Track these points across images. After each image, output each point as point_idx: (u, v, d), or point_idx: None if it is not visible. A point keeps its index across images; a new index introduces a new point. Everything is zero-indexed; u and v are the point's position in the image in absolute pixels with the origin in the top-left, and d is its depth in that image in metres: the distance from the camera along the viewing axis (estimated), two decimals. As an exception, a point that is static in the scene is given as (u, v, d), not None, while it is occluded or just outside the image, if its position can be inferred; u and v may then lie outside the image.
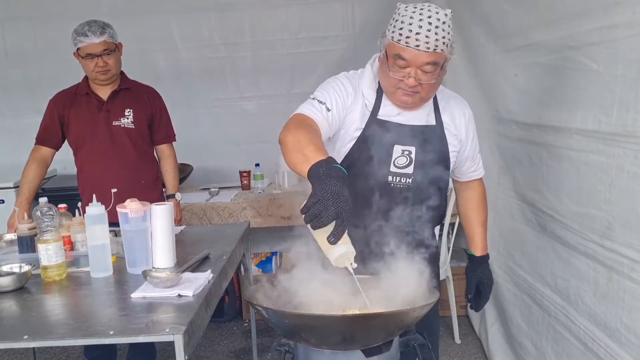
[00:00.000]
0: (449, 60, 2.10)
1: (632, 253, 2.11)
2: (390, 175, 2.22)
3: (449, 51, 2.05)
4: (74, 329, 1.95)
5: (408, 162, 2.21)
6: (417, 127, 2.23)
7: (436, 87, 2.18)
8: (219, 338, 4.58)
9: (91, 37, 3.29)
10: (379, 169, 2.21)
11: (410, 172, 2.22)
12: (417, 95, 2.12)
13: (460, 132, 2.32)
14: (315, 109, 2.15)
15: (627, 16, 2.03)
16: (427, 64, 2.03)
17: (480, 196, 2.53)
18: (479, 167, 2.49)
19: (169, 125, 3.70)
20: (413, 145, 2.21)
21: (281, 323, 1.76)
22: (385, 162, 2.21)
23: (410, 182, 2.23)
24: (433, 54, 2.01)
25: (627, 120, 2.07)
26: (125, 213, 2.46)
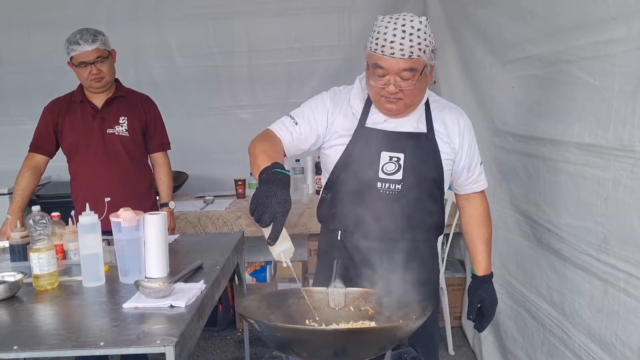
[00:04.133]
0: (430, 66, 2.15)
1: (627, 267, 2.11)
2: (379, 181, 2.24)
3: (428, 57, 2.11)
4: (65, 339, 1.94)
5: (397, 168, 2.23)
6: (406, 134, 2.26)
7: (419, 93, 2.21)
8: (212, 347, 4.56)
9: (83, 45, 3.28)
10: (368, 175, 2.24)
11: (399, 179, 2.24)
12: (400, 102, 2.17)
13: (454, 141, 2.31)
14: (283, 124, 2.31)
15: (623, 31, 2.03)
16: (404, 70, 2.08)
17: (482, 213, 2.47)
18: (480, 180, 2.43)
19: (164, 133, 3.68)
20: (402, 152, 2.24)
21: (273, 336, 1.74)
22: (374, 168, 2.24)
23: (400, 188, 2.24)
24: (409, 60, 2.07)
25: (623, 135, 2.07)
26: (119, 222, 2.45)
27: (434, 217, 2.35)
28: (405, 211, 2.25)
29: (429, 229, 2.36)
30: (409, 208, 2.25)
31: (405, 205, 2.25)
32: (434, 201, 2.32)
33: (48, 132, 3.48)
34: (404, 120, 2.27)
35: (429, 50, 2.10)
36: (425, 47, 2.09)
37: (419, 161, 2.25)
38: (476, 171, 2.40)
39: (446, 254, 4.24)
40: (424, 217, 2.31)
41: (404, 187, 2.24)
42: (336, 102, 2.34)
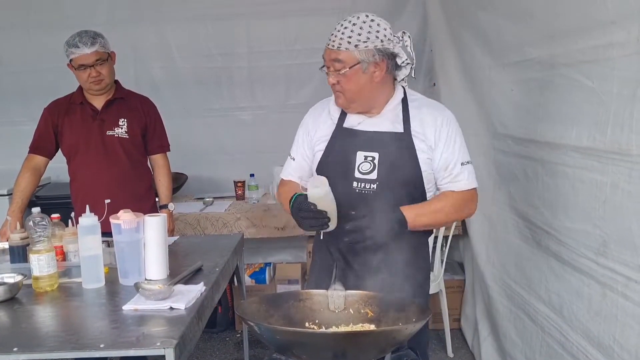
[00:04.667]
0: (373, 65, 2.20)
1: (626, 270, 2.11)
2: (355, 181, 2.28)
3: (361, 52, 2.17)
4: (64, 341, 1.94)
5: (372, 167, 2.26)
6: (381, 134, 2.29)
7: (360, 88, 2.24)
8: (211, 349, 4.56)
9: (82, 48, 3.28)
10: (345, 176, 2.29)
11: (374, 178, 2.26)
12: (342, 96, 2.27)
13: (429, 138, 2.29)
14: (287, 167, 2.56)
15: (622, 35, 2.04)
16: (332, 60, 2.22)
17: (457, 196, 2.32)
18: (459, 180, 2.31)
19: (163, 135, 3.68)
20: (376, 151, 2.27)
21: (273, 339, 1.74)
22: (350, 168, 2.28)
23: (375, 188, 2.26)
24: (335, 51, 2.20)
25: (621, 139, 2.08)
26: (119, 224, 2.45)
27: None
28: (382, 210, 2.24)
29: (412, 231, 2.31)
30: (384, 207, 2.24)
31: (381, 204, 2.24)
32: (413, 201, 2.30)
33: (48, 133, 3.48)
34: (380, 120, 2.31)
35: (366, 47, 2.17)
36: (358, 42, 2.17)
37: (394, 160, 2.26)
38: (455, 171, 2.30)
39: (445, 256, 4.24)
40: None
41: (379, 187, 2.26)
42: (315, 115, 2.47)
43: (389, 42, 2.22)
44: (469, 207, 2.36)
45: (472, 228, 4.03)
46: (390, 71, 2.27)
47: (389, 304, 1.99)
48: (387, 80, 2.29)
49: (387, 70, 2.25)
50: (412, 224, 2.24)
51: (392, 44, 2.23)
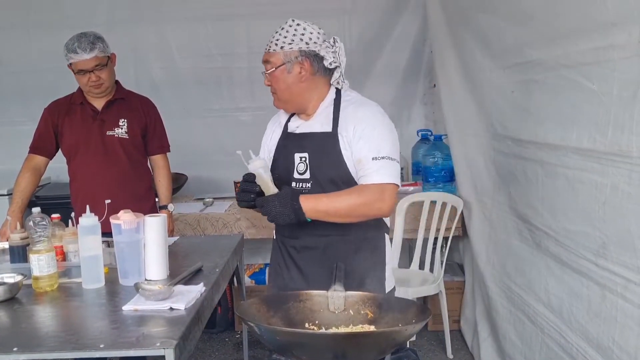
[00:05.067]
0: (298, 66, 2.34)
1: (625, 272, 2.11)
2: (294, 181, 2.41)
3: (286, 54, 2.34)
4: (64, 341, 1.94)
5: (305, 168, 2.39)
6: (312, 134, 2.41)
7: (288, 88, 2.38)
8: (210, 349, 4.56)
9: (81, 53, 3.27)
10: (287, 177, 2.42)
11: (308, 177, 2.39)
12: (275, 96, 2.44)
13: (349, 134, 2.35)
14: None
15: (623, 37, 2.04)
16: (264, 62, 2.42)
17: (361, 188, 2.31)
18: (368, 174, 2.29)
19: (163, 135, 3.69)
20: (306, 152, 2.40)
21: (273, 340, 1.75)
22: (290, 170, 2.42)
23: (309, 187, 2.38)
24: (266, 54, 2.41)
25: (622, 140, 2.08)
26: (119, 224, 2.45)
27: None
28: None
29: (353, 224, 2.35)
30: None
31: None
32: None
33: (48, 133, 3.49)
34: (314, 122, 2.43)
35: (290, 48, 2.34)
36: (284, 44, 2.35)
37: (321, 159, 2.37)
38: (367, 165, 2.29)
39: (445, 257, 4.24)
40: None
41: (312, 185, 2.37)
42: (271, 123, 2.65)
43: (315, 45, 2.35)
44: (378, 203, 2.28)
45: (472, 229, 4.03)
46: (318, 72, 2.38)
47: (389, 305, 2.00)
48: (317, 81, 2.40)
49: (314, 72, 2.37)
50: (311, 213, 2.25)
51: (318, 47, 2.35)
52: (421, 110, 5.35)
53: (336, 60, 2.38)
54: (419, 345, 4.41)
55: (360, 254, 2.39)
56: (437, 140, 4.64)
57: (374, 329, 1.93)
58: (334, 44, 2.38)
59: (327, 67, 2.37)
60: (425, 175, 4.63)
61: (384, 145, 2.31)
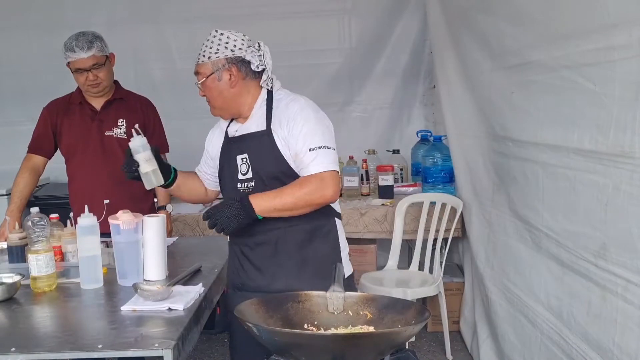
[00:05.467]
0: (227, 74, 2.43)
1: (626, 273, 2.11)
2: (239, 182, 2.50)
3: (213, 63, 2.43)
4: (62, 342, 1.94)
5: (247, 168, 2.48)
6: (249, 135, 2.50)
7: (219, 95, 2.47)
8: (209, 350, 4.56)
9: (79, 52, 3.26)
10: (233, 181, 2.51)
11: (250, 177, 2.47)
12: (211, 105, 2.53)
13: (284, 130, 2.43)
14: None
15: (623, 38, 2.03)
16: (195, 74, 2.51)
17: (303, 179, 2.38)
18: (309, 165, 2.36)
19: (162, 136, 3.67)
20: (246, 152, 2.49)
21: (271, 340, 1.74)
22: (235, 173, 2.51)
23: (253, 185, 2.46)
24: (196, 65, 2.51)
25: (624, 141, 2.07)
26: (117, 224, 2.45)
27: None
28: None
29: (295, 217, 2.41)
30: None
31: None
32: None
33: (46, 133, 3.47)
34: (250, 123, 2.51)
35: (217, 57, 2.43)
36: (210, 54, 2.44)
37: (261, 157, 2.45)
38: (305, 158, 2.37)
39: (444, 259, 4.23)
40: None
41: (255, 183, 2.46)
42: (211, 133, 2.76)
43: (240, 51, 2.44)
44: (320, 191, 2.35)
45: (472, 230, 4.03)
46: (247, 76, 2.47)
47: (388, 306, 1.99)
48: (248, 85, 2.48)
49: (244, 76, 2.46)
50: (261, 210, 2.34)
51: (244, 52, 2.44)
52: (421, 111, 5.36)
53: (262, 63, 2.46)
54: (419, 346, 4.40)
55: (313, 242, 2.46)
56: (437, 141, 4.63)
57: (373, 330, 1.92)
58: (259, 49, 2.46)
59: (254, 70, 2.46)
60: (424, 176, 4.63)
61: (317, 136, 2.39)
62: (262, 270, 2.49)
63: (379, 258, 4.74)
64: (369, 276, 4.29)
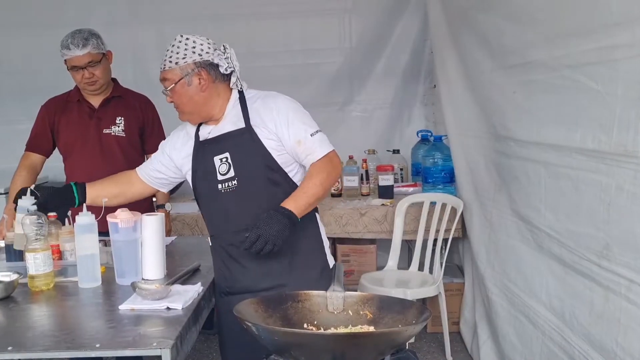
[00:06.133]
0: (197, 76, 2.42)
1: (629, 273, 2.10)
2: (219, 183, 2.47)
3: (182, 68, 2.42)
4: (60, 341, 1.93)
5: (228, 167, 2.46)
6: (227, 134, 2.49)
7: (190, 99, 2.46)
8: (208, 350, 4.54)
9: (74, 49, 3.24)
10: (211, 182, 2.49)
11: (232, 175, 2.45)
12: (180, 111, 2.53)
13: (269, 125, 2.44)
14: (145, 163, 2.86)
15: (627, 37, 2.02)
16: (162, 80, 2.48)
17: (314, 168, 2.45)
18: (315, 150, 2.43)
19: (161, 134, 3.65)
20: (227, 151, 2.47)
21: (271, 340, 1.72)
22: (213, 174, 2.49)
23: (236, 184, 2.45)
24: (162, 72, 2.47)
25: (627, 140, 2.06)
26: (116, 223, 2.44)
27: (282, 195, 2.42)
28: (246, 203, 2.45)
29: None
30: (248, 199, 2.45)
31: (244, 198, 2.45)
32: (277, 186, 2.46)
33: (44, 131, 3.46)
34: (225, 123, 2.51)
35: (185, 62, 2.41)
36: (177, 59, 2.42)
37: (244, 154, 2.45)
38: (307, 143, 2.43)
39: (444, 259, 4.22)
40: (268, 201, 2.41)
41: (239, 181, 2.44)
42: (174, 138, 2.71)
43: (207, 55, 2.44)
44: (336, 169, 2.48)
45: (472, 230, 4.01)
46: (217, 79, 2.47)
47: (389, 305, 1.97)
48: (218, 87, 2.49)
49: (213, 79, 2.46)
50: (299, 211, 2.35)
51: (211, 55, 2.44)
52: (421, 111, 5.34)
53: (230, 66, 2.47)
54: (419, 347, 4.38)
55: (298, 237, 2.45)
56: (437, 141, 4.62)
57: (373, 329, 1.91)
58: (224, 51, 2.47)
59: (223, 72, 2.47)
60: (425, 176, 4.61)
61: (309, 121, 2.48)
62: (248, 269, 2.47)
63: (379, 258, 4.72)
64: (369, 276, 4.28)
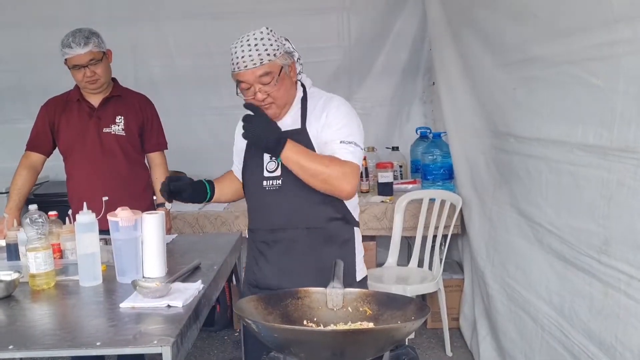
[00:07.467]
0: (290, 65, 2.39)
1: (628, 269, 2.10)
2: (265, 180, 2.45)
3: (282, 58, 2.35)
4: (61, 339, 1.93)
5: (276, 165, 2.43)
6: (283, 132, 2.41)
7: (287, 92, 2.41)
8: (209, 347, 4.55)
9: (76, 48, 3.25)
10: (257, 178, 2.47)
11: (278, 175, 2.43)
12: (273, 106, 2.41)
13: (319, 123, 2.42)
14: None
15: (628, 33, 2.02)
16: (260, 76, 2.34)
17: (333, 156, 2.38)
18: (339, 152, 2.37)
19: (161, 133, 3.66)
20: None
21: (271, 337, 1.73)
22: (260, 170, 2.47)
23: (280, 184, 2.42)
24: (261, 67, 2.32)
25: (628, 136, 2.06)
26: (116, 221, 2.43)
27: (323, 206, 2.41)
28: (286, 204, 2.42)
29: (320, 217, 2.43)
30: (289, 200, 2.41)
31: (285, 198, 2.42)
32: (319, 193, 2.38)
33: (45, 131, 3.46)
34: (285, 120, 2.47)
35: (280, 53, 2.34)
36: (274, 50, 2.33)
37: None
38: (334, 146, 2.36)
39: (444, 256, 4.23)
40: (308, 207, 2.41)
41: (283, 182, 2.41)
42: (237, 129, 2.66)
43: (288, 46, 2.43)
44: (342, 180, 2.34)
45: (472, 227, 4.02)
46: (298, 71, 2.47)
47: (388, 302, 1.98)
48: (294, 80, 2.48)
49: (297, 70, 2.47)
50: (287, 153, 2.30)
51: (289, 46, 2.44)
52: (420, 108, 5.35)
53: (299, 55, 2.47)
54: (418, 343, 4.39)
55: (330, 247, 2.44)
56: (436, 138, 4.62)
57: (372, 326, 1.91)
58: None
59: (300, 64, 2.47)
60: (424, 173, 4.62)
61: (352, 133, 2.41)
62: (275, 268, 2.46)
63: (379, 255, 4.72)
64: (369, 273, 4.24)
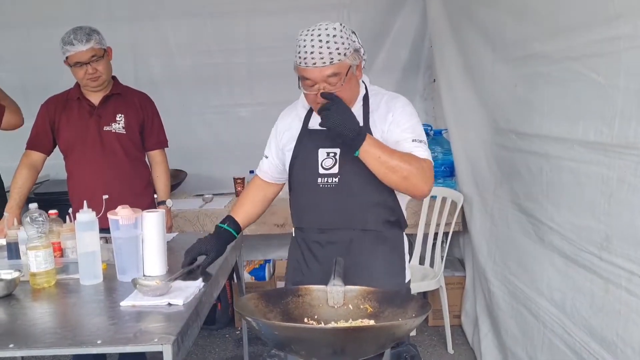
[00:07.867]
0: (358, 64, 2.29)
1: (629, 265, 2.09)
2: (319, 177, 2.38)
3: (351, 57, 2.24)
4: (61, 337, 1.93)
5: (333, 162, 2.36)
6: None
7: (350, 92, 2.33)
8: (210, 346, 4.54)
9: (77, 45, 3.25)
10: (310, 174, 2.39)
11: (336, 172, 2.35)
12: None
13: (383, 129, 2.36)
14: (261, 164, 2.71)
15: (629, 28, 2.01)
16: (328, 77, 2.22)
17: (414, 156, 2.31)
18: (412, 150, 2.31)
19: (161, 131, 3.66)
20: (338, 147, 2.34)
21: (271, 335, 1.73)
22: (314, 166, 2.38)
23: (337, 182, 2.35)
24: (331, 67, 2.21)
25: (629, 132, 2.05)
26: (116, 220, 2.43)
27: (380, 208, 2.38)
28: (342, 203, 2.36)
29: (376, 219, 2.39)
30: (346, 199, 2.35)
31: (342, 197, 2.35)
32: (380, 193, 2.35)
33: (45, 130, 3.46)
34: None
35: (350, 52, 2.23)
36: (345, 49, 2.21)
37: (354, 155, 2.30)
38: (407, 145, 2.30)
39: (445, 253, 4.22)
40: (365, 207, 2.37)
41: (340, 180, 2.35)
42: (283, 117, 2.62)
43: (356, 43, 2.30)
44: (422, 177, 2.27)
45: (473, 224, 4.01)
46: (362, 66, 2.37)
47: (389, 299, 1.98)
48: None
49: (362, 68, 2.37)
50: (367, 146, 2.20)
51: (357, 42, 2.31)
52: (421, 105, 5.32)
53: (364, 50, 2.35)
54: (420, 340, 4.39)
55: (384, 250, 2.41)
56: (437, 136, 4.61)
57: (373, 323, 1.91)
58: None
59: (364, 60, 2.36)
60: (425, 170, 4.60)
61: (419, 132, 2.37)
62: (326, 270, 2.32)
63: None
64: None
